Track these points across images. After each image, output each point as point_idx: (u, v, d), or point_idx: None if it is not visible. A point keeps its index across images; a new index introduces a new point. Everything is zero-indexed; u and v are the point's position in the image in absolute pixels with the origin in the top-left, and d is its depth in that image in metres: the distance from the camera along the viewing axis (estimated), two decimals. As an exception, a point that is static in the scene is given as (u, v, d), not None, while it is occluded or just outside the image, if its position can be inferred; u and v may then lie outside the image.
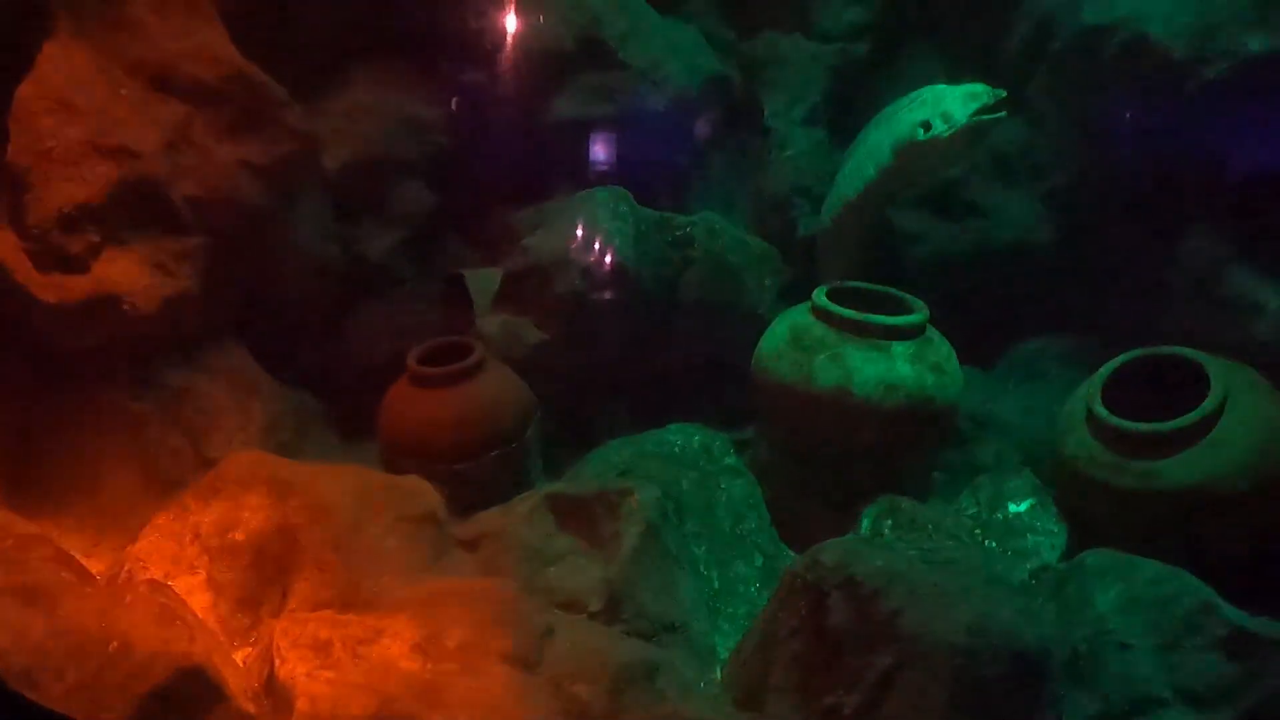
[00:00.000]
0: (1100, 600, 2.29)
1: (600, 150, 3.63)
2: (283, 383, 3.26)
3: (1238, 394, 2.68)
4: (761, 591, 2.83)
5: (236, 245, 3.04)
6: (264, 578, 2.40)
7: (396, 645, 2.16)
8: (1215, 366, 2.72)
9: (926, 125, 3.25)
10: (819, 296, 3.13)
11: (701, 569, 2.83)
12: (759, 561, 2.95)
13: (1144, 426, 2.68)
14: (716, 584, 2.84)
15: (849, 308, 3.06)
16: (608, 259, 3.24)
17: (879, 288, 3.27)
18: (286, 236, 3.17)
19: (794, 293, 3.55)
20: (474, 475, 2.92)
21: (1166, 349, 2.86)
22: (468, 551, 2.66)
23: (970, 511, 3.07)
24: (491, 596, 2.34)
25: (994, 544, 2.94)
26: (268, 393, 3.12)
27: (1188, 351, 2.81)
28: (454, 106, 3.58)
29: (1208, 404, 2.65)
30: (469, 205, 3.66)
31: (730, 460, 3.25)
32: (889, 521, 2.89)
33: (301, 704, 2.00)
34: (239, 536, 2.41)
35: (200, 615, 2.25)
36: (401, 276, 3.51)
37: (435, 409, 2.96)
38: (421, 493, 2.63)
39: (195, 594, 2.38)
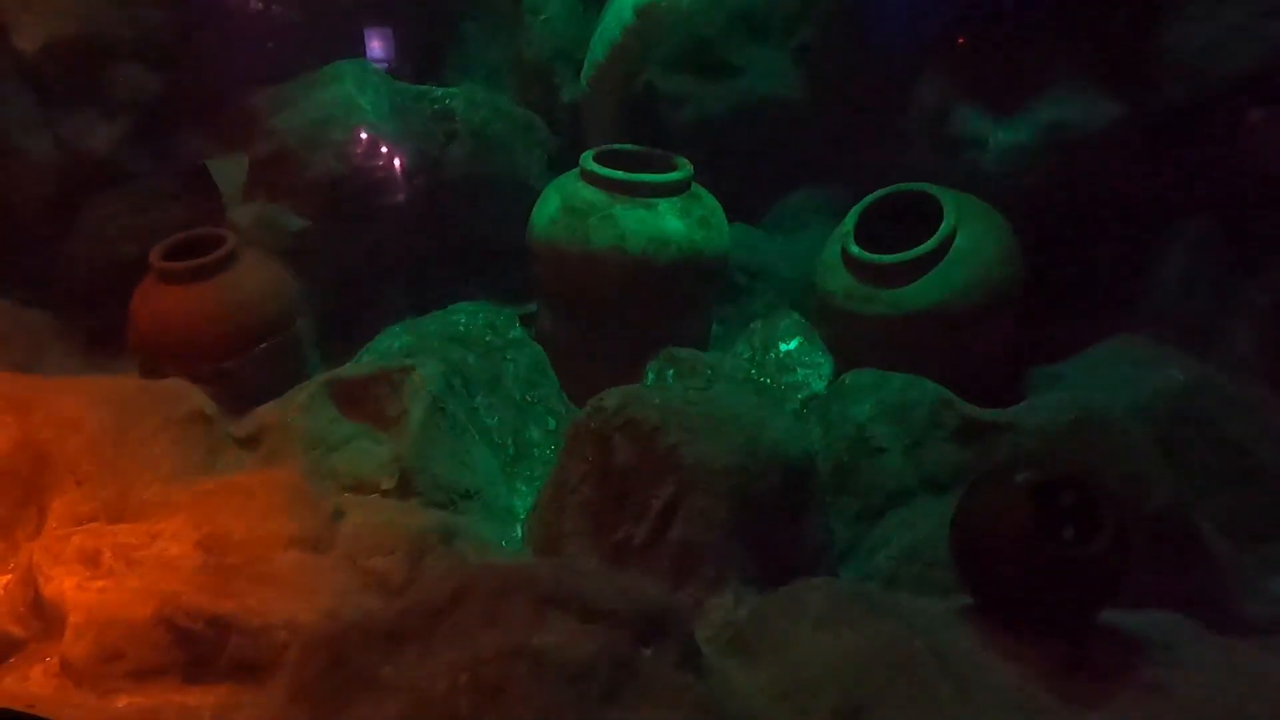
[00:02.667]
0: (857, 413, 2.51)
1: (344, 21, 3.40)
2: (14, 298, 2.94)
3: (968, 222, 2.94)
4: (557, 453, 2.90)
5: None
6: (14, 500, 2.22)
7: (175, 546, 2.08)
8: (948, 198, 2.97)
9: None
10: (586, 161, 3.15)
11: (495, 438, 2.86)
12: (552, 425, 3.02)
13: (889, 258, 2.91)
14: (512, 451, 2.89)
15: (618, 170, 3.09)
16: (363, 135, 3.09)
17: (645, 149, 3.31)
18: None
19: (564, 161, 3.53)
20: (243, 371, 2.79)
21: (905, 186, 3.08)
22: (247, 449, 2.56)
23: (745, 355, 3.25)
24: (274, 487, 2.28)
25: (768, 380, 3.13)
26: (-8, 309, 2.81)
27: (924, 186, 3.04)
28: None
29: (941, 232, 2.89)
30: (202, 89, 3.36)
31: (516, 333, 3.27)
32: (671, 371, 3.01)
33: (75, 617, 1.90)
34: (-24, 461, 2.20)
35: (-59, 549, 2.06)
36: (134, 170, 3.20)
37: (189, 305, 2.78)
38: (184, 394, 2.49)
39: (-67, 529, 2.17)
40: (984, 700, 1.73)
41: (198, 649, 1.88)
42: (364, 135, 3.11)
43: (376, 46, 3.39)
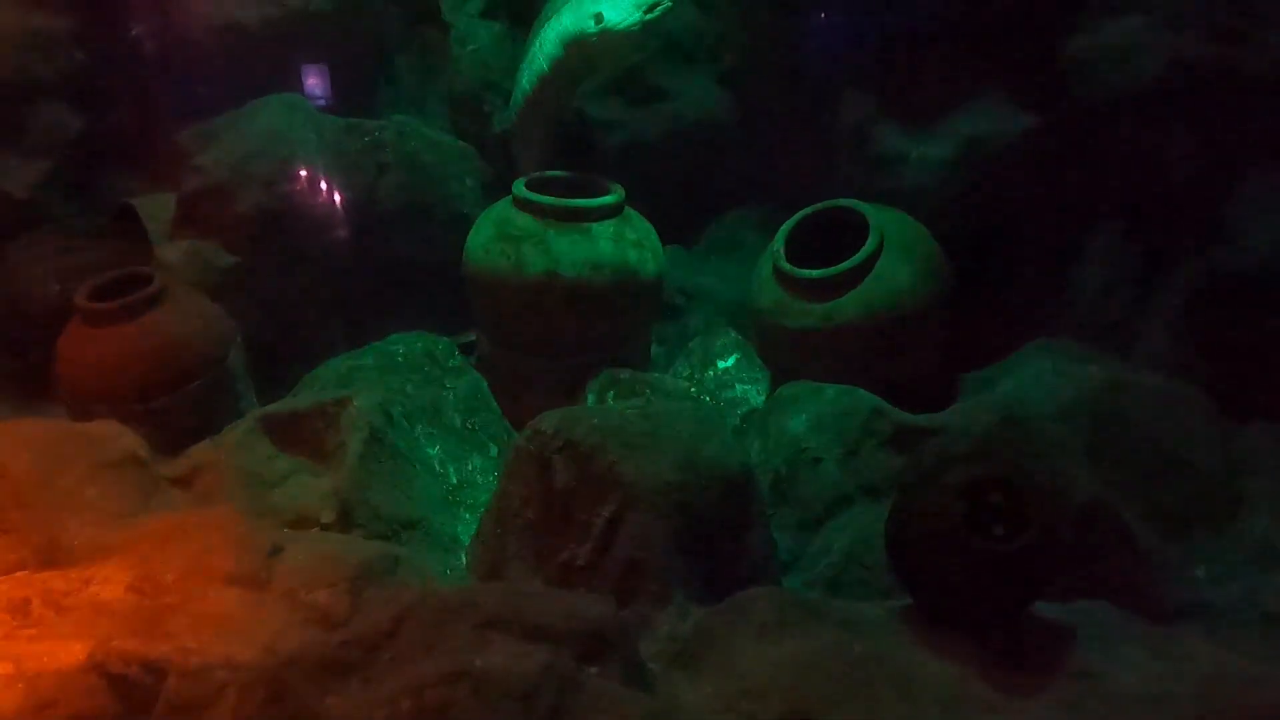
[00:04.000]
0: (793, 425, 2.56)
1: (271, 56, 3.39)
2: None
3: (892, 235, 3.02)
4: (498, 479, 2.89)
5: None
6: (-63, 551, 2.15)
7: (108, 590, 2.03)
8: (873, 213, 3.05)
9: (599, 17, 3.29)
10: (518, 188, 3.17)
11: (437, 467, 2.85)
12: (494, 451, 3.01)
13: (818, 273, 2.97)
14: (454, 479, 2.88)
15: (551, 196, 3.12)
16: (292, 169, 3.08)
17: (577, 175, 3.35)
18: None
19: (497, 190, 3.55)
20: (174, 411, 2.74)
21: (832, 202, 3.16)
22: (181, 489, 2.52)
23: (685, 373, 3.29)
24: (210, 526, 2.24)
25: (707, 398, 3.17)
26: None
27: (850, 202, 3.12)
28: (90, 16, 3.20)
29: (867, 246, 2.97)
30: (127, 127, 3.32)
31: (454, 362, 3.26)
32: (611, 392, 3.04)
33: (3, 668, 1.84)
34: (-104, 512, 2.13)
35: None
36: (57, 212, 3.14)
37: (117, 346, 2.72)
38: (114, 435, 2.44)
39: None
40: (924, 698, 1.76)
41: (133, 694, 1.84)
42: (293, 168, 3.09)
43: (307, 81, 3.38)
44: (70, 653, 1.85)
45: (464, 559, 2.56)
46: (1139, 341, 3.03)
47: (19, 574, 2.10)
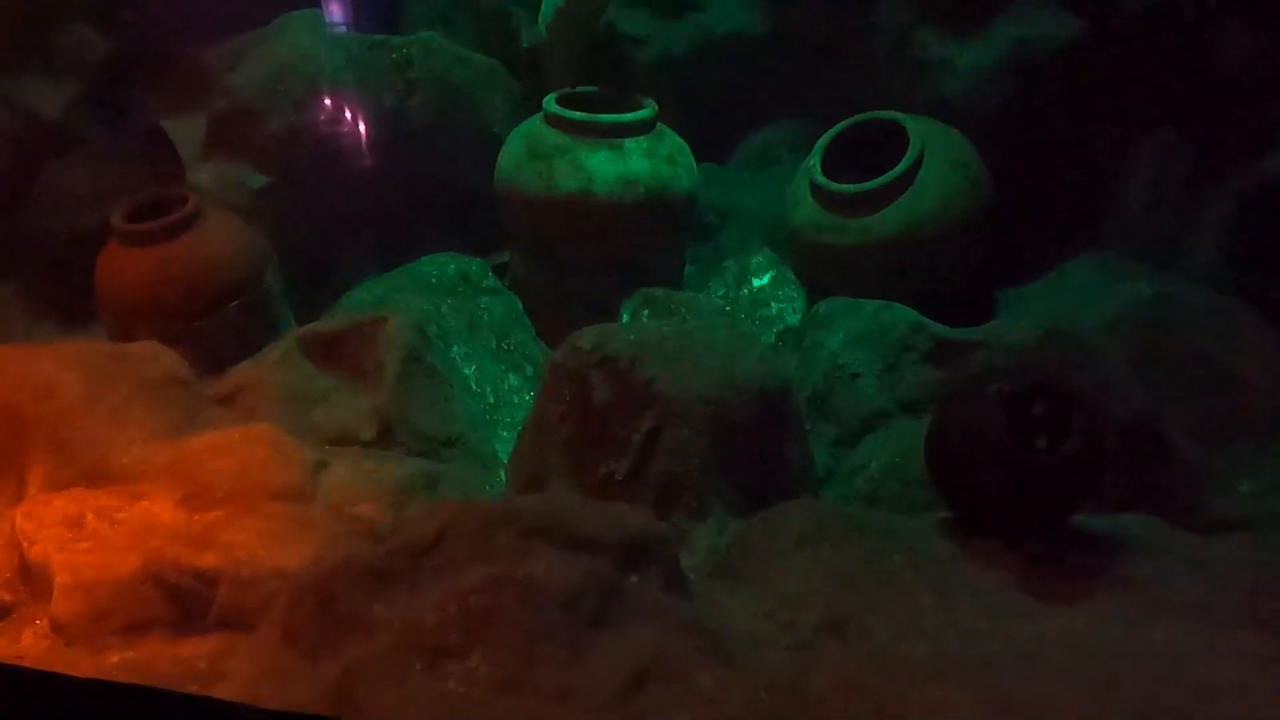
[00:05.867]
0: (831, 341, 2.53)
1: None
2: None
3: (933, 147, 2.94)
4: (535, 397, 2.91)
5: None
6: (-9, 468, 2.21)
7: (158, 505, 2.09)
8: (913, 124, 2.96)
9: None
10: (550, 104, 3.12)
11: (474, 386, 2.87)
12: (529, 371, 3.02)
13: (855, 187, 2.91)
14: (491, 399, 2.90)
15: (582, 112, 3.06)
16: (321, 87, 3.04)
17: (609, 90, 3.28)
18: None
19: (527, 107, 3.49)
20: (214, 330, 2.77)
21: (870, 114, 3.08)
22: (224, 408, 2.56)
23: (719, 292, 3.26)
24: (254, 442, 2.27)
25: (743, 316, 3.15)
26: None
27: (889, 114, 3.03)
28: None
29: (907, 157, 2.90)
30: (153, 49, 3.28)
31: (489, 282, 3.26)
32: (646, 311, 3.02)
33: (62, 578, 1.91)
34: (-51, 430, 2.18)
35: (-80, 519, 2.05)
36: (88, 135, 3.13)
37: (156, 267, 2.74)
38: (157, 356, 2.47)
39: (-89, 500, 2.16)
40: (964, 605, 1.77)
41: (186, 602, 1.90)
42: (321, 87, 3.05)
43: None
44: (125, 564, 1.90)
45: (503, 475, 2.59)
46: (1187, 254, 2.95)
47: (73, 490, 2.15)
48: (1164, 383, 2.44)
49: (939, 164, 2.92)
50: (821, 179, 2.98)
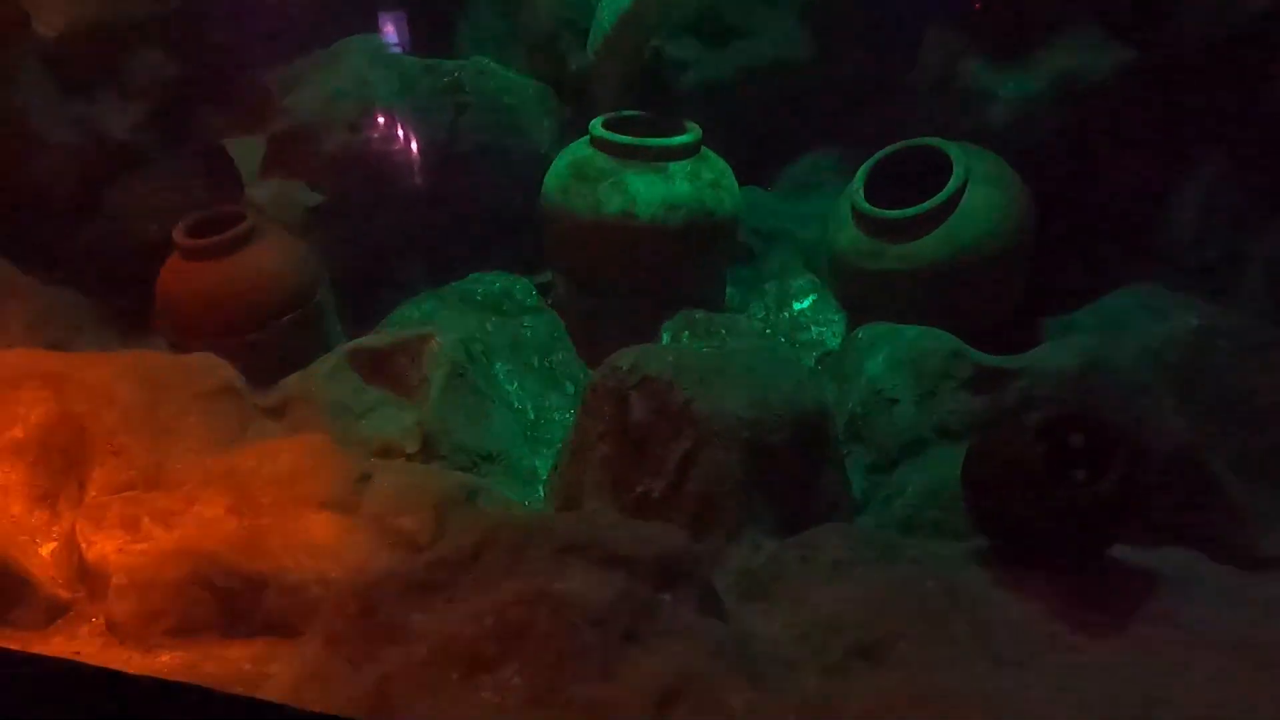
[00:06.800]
0: (870, 366, 2.54)
1: (353, -1, 3.45)
2: (46, 281, 3.04)
3: (977, 174, 2.95)
4: (575, 416, 2.95)
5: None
6: (55, 471, 2.29)
7: (211, 510, 2.15)
8: (957, 152, 2.97)
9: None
10: (595, 127, 3.18)
11: (515, 404, 2.92)
12: (570, 389, 3.07)
13: (897, 213, 2.92)
14: (532, 415, 2.94)
15: (627, 136, 3.12)
16: (374, 110, 3.13)
17: (654, 115, 3.33)
18: (10, 119, 2.87)
19: (574, 130, 3.56)
20: (268, 344, 2.85)
21: (915, 141, 3.09)
22: (274, 419, 2.63)
23: (760, 315, 3.28)
24: (303, 452, 2.33)
25: (783, 339, 3.17)
26: (26, 291, 2.90)
27: (933, 141, 3.04)
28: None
29: (951, 184, 2.90)
30: (217, 71, 3.41)
31: (532, 301, 3.32)
32: (686, 333, 3.06)
33: (118, 579, 1.98)
34: (18, 434, 2.26)
35: (-10, 518, 2.14)
36: (152, 155, 3.26)
37: (214, 280, 2.84)
38: (212, 367, 2.56)
39: (-18, 499, 2.25)
40: (998, 635, 1.77)
41: (235, 606, 1.96)
42: (375, 109, 3.15)
43: (386, 22, 3.42)
44: (178, 567, 1.97)
45: (541, 491, 2.63)
46: (1234, 287, 2.92)
47: (129, 493, 2.23)
48: (1208, 416, 2.41)
49: (982, 191, 2.92)
50: (864, 204, 3.00)
